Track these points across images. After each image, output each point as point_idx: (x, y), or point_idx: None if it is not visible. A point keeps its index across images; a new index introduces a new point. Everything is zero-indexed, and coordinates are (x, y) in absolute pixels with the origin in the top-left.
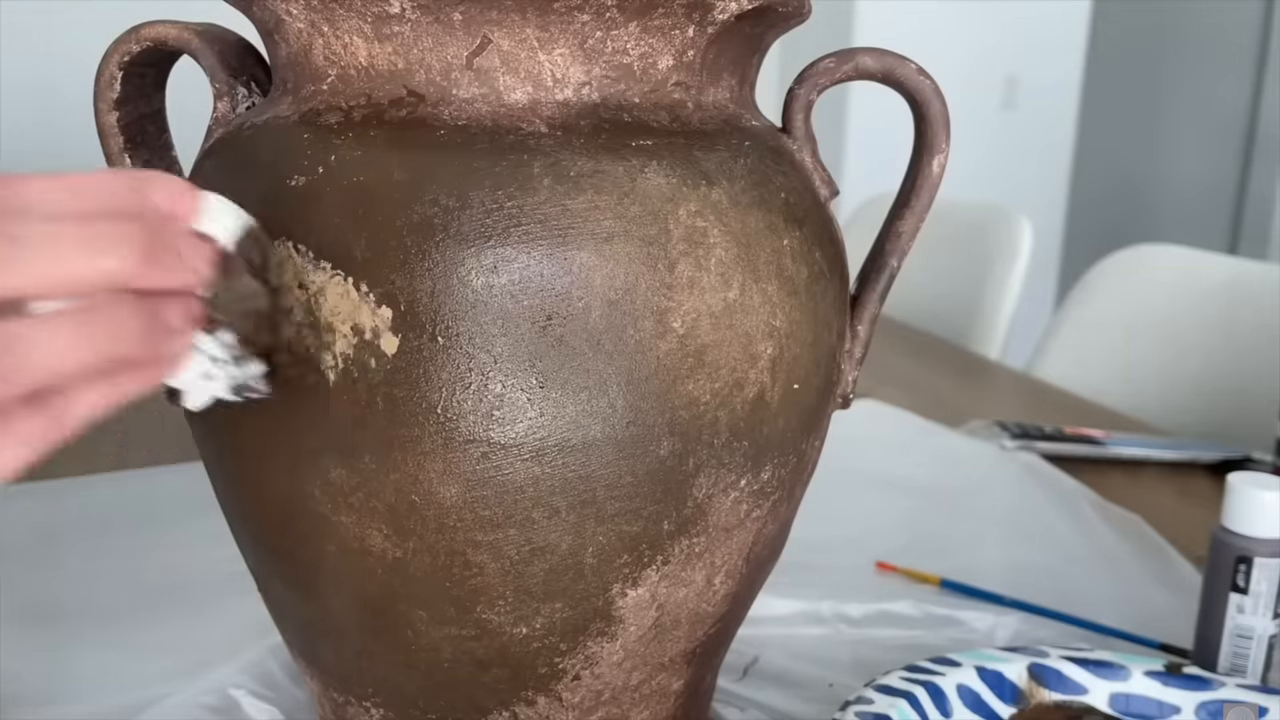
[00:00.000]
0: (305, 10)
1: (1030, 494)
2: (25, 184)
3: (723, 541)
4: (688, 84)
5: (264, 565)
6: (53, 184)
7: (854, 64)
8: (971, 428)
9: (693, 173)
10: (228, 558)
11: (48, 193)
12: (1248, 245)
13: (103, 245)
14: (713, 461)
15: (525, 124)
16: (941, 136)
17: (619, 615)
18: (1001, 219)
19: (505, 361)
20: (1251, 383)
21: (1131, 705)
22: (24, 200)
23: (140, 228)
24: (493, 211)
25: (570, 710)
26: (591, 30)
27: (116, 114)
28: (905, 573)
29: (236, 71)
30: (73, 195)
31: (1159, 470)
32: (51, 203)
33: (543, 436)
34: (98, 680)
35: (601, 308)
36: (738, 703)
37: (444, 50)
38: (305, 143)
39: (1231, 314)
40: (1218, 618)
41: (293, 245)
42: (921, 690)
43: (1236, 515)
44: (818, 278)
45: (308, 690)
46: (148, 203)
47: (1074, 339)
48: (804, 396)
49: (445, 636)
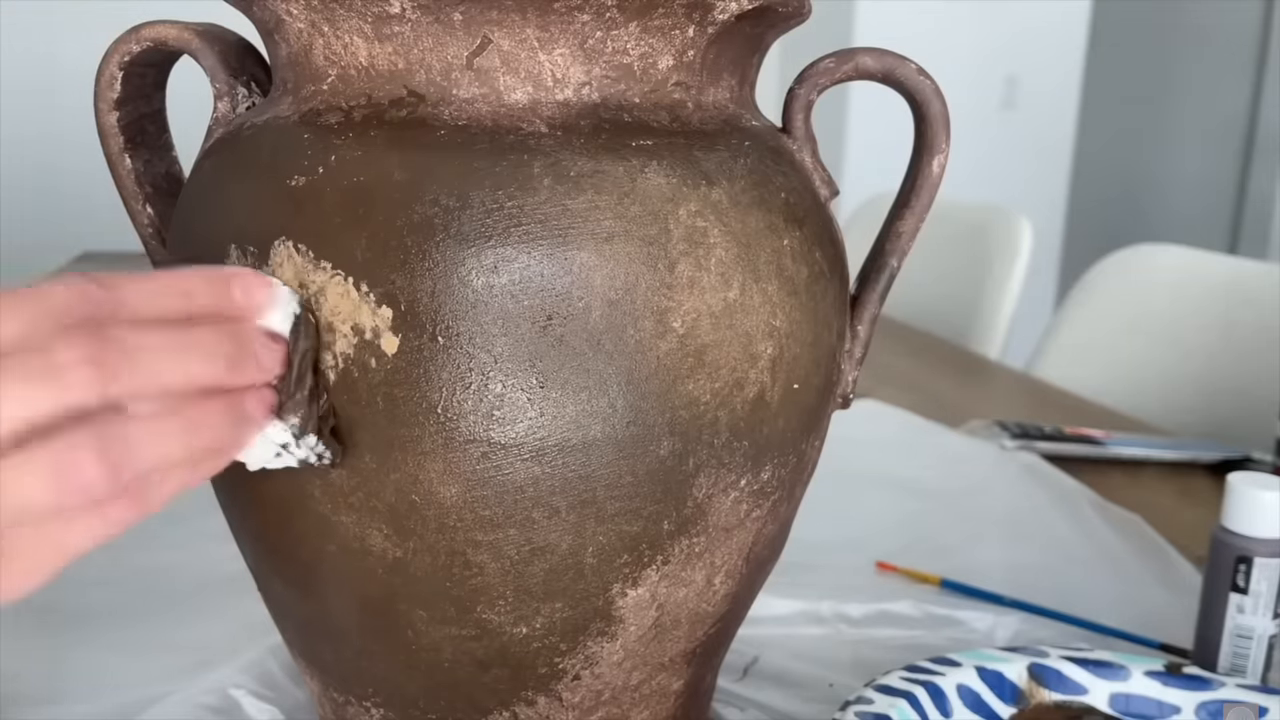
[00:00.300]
0: (305, 10)
1: (1030, 494)
2: (123, 288)
3: (723, 541)
4: (688, 84)
5: (264, 565)
6: (147, 287)
7: (854, 64)
8: (971, 428)
9: (693, 173)
10: (228, 557)
11: (144, 296)
12: (1248, 245)
13: (196, 355)
14: (713, 461)
15: (525, 124)
16: (941, 136)
17: (619, 615)
18: (1001, 219)
19: (505, 361)
20: (1252, 383)
21: (1131, 705)
22: (125, 305)
23: (227, 337)
24: (493, 211)
25: (570, 710)
26: (591, 30)
27: (116, 114)
28: (905, 573)
29: (236, 71)
30: (166, 299)
31: (1159, 470)
32: (148, 307)
33: (543, 436)
34: (98, 680)
35: (602, 308)
36: (738, 703)
37: (444, 50)
38: (305, 143)
39: (1232, 314)
40: (1218, 618)
41: (293, 245)
42: (921, 690)
43: (1236, 515)
44: (818, 278)
45: (308, 690)
46: (228, 300)
47: (1074, 339)
48: (804, 396)
49: (445, 636)
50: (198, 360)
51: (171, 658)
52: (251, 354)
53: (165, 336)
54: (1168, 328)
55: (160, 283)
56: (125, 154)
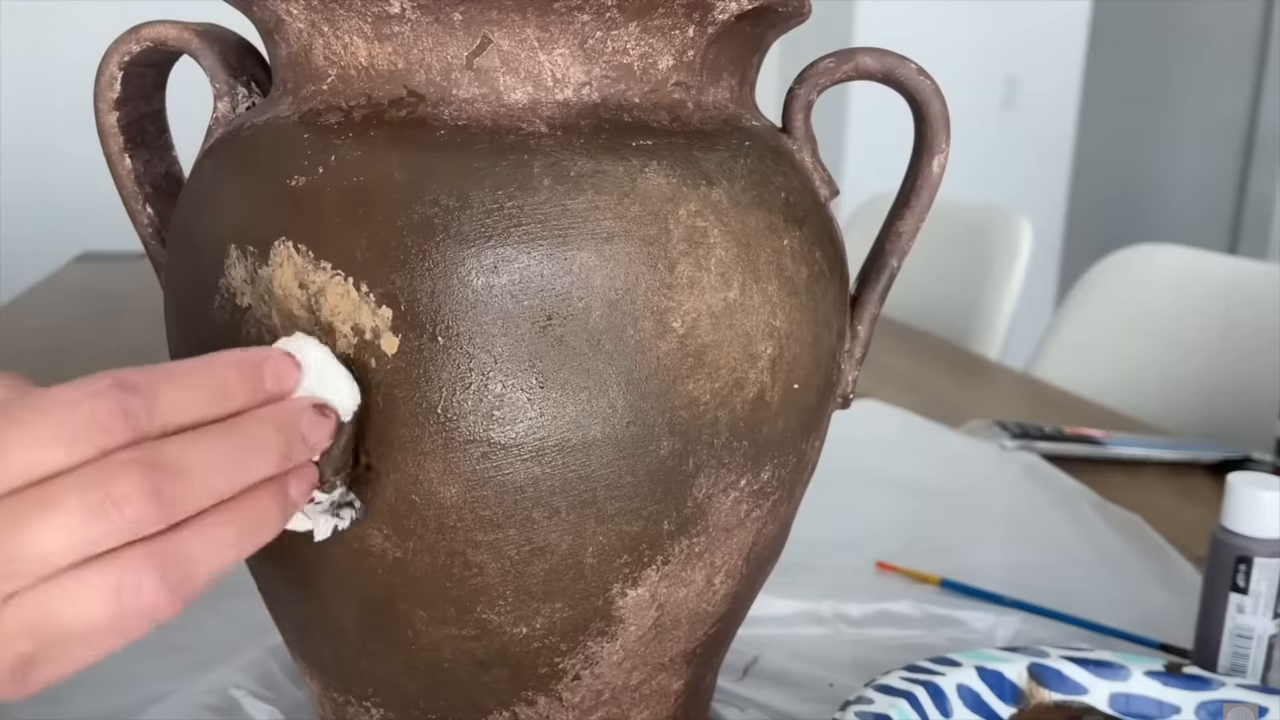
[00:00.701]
0: (305, 10)
1: (1030, 494)
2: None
3: (723, 541)
4: (688, 84)
5: (264, 565)
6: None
7: (854, 64)
8: (971, 428)
9: (693, 173)
10: None
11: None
12: (1248, 245)
13: (248, 458)
14: (713, 461)
15: (525, 124)
16: (941, 136)
17: (619, 615)
18: (1001, 219)
19: (505, 361)
20: (1251, 383)
21: (1131, 705)
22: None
23: (274, 430)
24: (493, 211)
25: (570, 710)
26: (591, 30)
27: (116, 114)
28: (905, 573)
29: (236, 71)
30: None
31: (1159, 470)
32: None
33: (543, 436)
34: (98, 680)
35: (602, 308)
36: (738, 703)
37: (444, 50)
38: (305, 143)
39: (1232, 314)
40: (1218, 618)
41: (293, 245)
42: (921, 690)
43: (1236, 515)
44: (818, 278)
45: (308, 690)
46: (261, 388)
47: (1074, 339)
48: (804, 396)
49: (445, 636)
50: (250, 463)
51: (171, 658)
52: (300, 438)
53: (215, 448)
54: (1168, 328)
55: (194, 384)
56: (125, 154)
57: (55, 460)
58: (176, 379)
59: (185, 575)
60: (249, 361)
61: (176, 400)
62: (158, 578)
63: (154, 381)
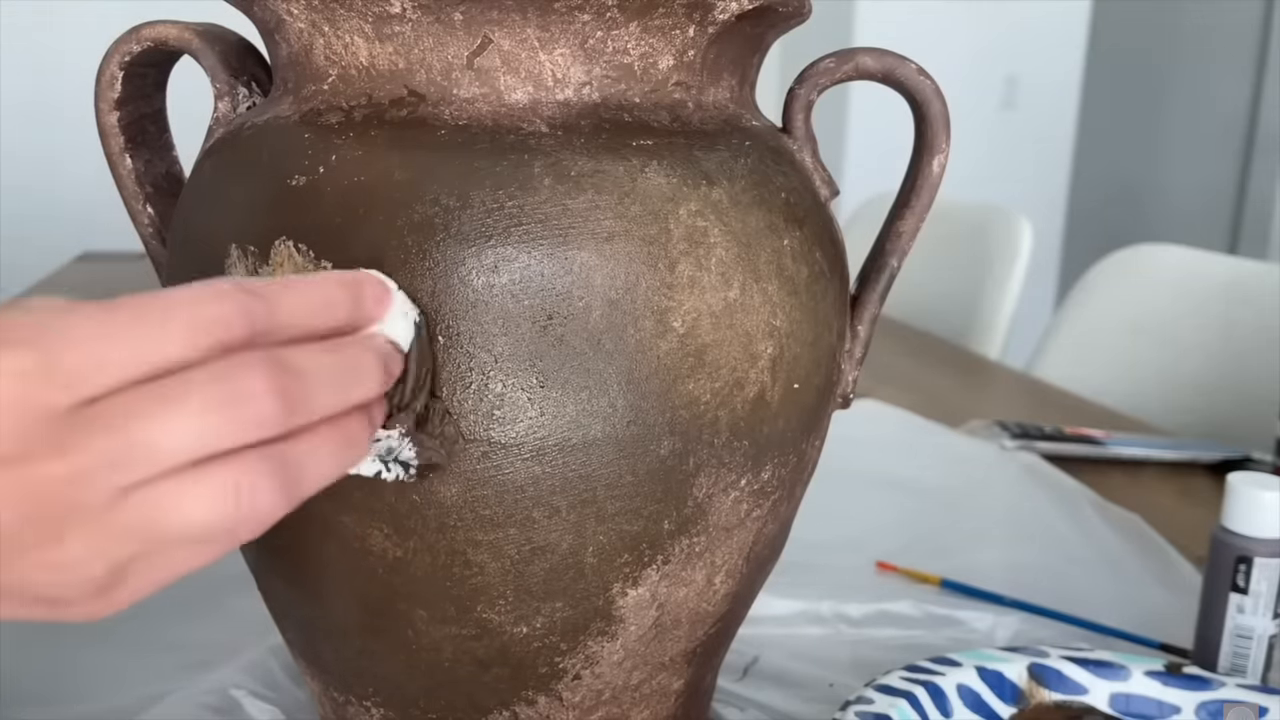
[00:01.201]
0: (306, 10)
1: (1030, 494)
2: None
3: (723, 541)
4: (688, 84)
5: (264, 565)
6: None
7: (854, 64)
8: (971, 428)
9: (693, 172)
10: (228, 558)
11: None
12: (1248, 245)
13: (355, 379)
14: (713, 461)
15: (526, 124)
16: (941, 136)
17: (619, 615)
18: (1001, 219)
19: (506, 361)
20: (1251, 383)
21: (1131, 705)
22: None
23: (374, 356)
24: (493, 211)
25: (570, 710)
26: (592, 30)
27: (117, 114)
28: (905, 573)
29: (237, 71)
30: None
31: (1159, 470)
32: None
33: (543, 436)
34: (98, 680)
35: (602, 307)
36: (738, 703)
37: (445, 50)
38: (306, 142)
39: (1231, 314)
40: (1218, 618)
41: (293, 245)
42: (921, 690)
43: (1236, 515)
44: (818, 278)
45: (308, 690)
46: (362, 311)
47: (1074, 339)
48: (804, 396)
49: (446, 636)
50: (355, 385)
51: (171, 658)
52: (386, 369)
53: (329, 362)
54: (1168, 328)
55: (307, 294)
56: (125, 154)
57: (177, 354)
58: (293, 289)
59: (296, 481)
60: (351, 280)
61: (295, 308)
62: (276, 482)
63: (273, 289)
